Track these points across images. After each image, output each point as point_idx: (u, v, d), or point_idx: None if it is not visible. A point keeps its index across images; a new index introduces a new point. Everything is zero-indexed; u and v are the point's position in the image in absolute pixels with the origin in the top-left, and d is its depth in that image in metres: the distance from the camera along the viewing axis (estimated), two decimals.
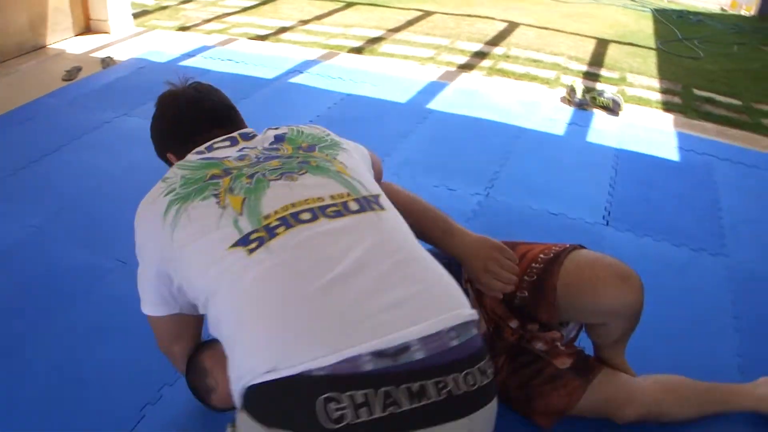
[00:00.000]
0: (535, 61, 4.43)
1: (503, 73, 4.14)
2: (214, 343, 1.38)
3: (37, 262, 2.17)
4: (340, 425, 0.89)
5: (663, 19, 5.78)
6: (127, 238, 2.18)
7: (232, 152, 1.29)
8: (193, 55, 3.94)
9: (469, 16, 5.35)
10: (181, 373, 1.52)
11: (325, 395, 0.90)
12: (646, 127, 3.49)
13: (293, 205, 1.13)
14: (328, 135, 1.39)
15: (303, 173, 1.20)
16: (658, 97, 4.01)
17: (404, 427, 0.92)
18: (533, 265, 1.51)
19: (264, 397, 0.97)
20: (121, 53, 3.91)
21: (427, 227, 1.48)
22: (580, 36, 5.10)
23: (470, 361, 0.99)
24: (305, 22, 4.89)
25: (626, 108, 3.62)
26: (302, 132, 1.37)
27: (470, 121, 3.33)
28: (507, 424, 1.44)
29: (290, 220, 1.10)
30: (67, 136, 2.94)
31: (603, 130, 3.39)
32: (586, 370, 1.59)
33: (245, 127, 1.44)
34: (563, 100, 3.70)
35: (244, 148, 1.30)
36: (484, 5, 5.69)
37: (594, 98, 3.63)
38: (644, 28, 5.49)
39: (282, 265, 1.04)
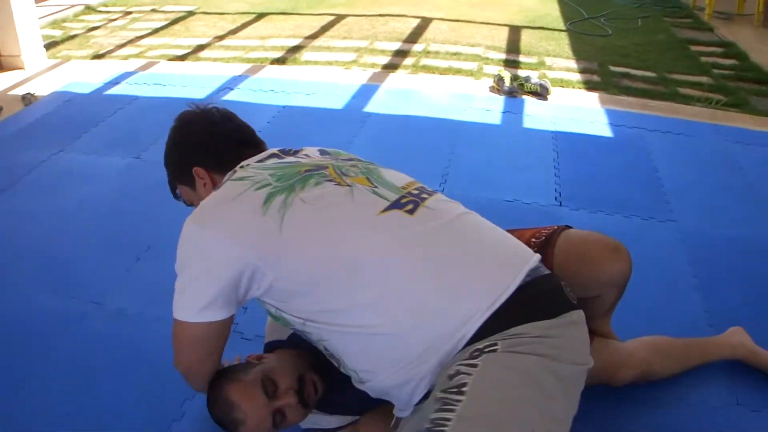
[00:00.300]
0: (455, 54, 4.51)
1: (427, 69, 4.19)
2: (234, 374, 1.39)
3: (5, 313, 2.05)
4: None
5: (567, 0, 5.97)
6: (96, 277, 2.13)
7: (294, 160, 1.34)
8: (117, 83, 3.81)
9: (381, 15, 5.39)
10: (199, 391, 1.50)
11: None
12: (575, 107, 3.61)
13: (407, 185, 1.29)
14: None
15: (378, 168, 1.34)
16: (578, 77, 4.16)
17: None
18: None
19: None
20: (40, 88, 3.74)
21: None
22: (492, 25, 5.22)
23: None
24: (220, 37, 4.82)
25: (553, 91, 3.73)
26: (338, 152, 1.48)
27: (409, 120, 3.36)
28: None
29: (422, 191, 1.28)
30: (4, 182, 2.80)
31: (536, 114, 3.49)
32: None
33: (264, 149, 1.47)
34: (492, 89, 3.78)
35: (299, 158, 1.36)
36: (395, 4, 5.75)
37: (522, 85, 3.73)
38: (551, 11, 5.67)
39: (437, 226, 1.20)
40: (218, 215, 1.22)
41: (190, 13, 5.50)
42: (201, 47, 4.56)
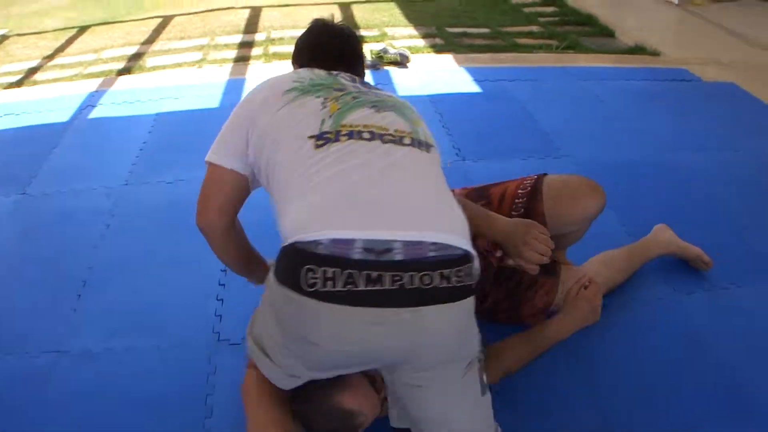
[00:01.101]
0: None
1: (279, 56, 4.19)
2: (345, 382, 1.43)
3: None
4: (311, 291, 1.15)
5: None
6: (42, 325, 2.01)
7: (350, 80, 1.50)
8: None
9: (210, 11, 5.28)
10: (217, 252, 1.62)
11: (308, 266, 1.15)
12: (436, 70, 3.81)
13: (365, 126, 1.35)
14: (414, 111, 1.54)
15: (388, 110, 1.42)
16: (423, 42, 4.36)
17: (358, 302, 1.15)
18: (516, 201, 1.71)
19: (280, 257, 1.23)
20: None
21: (472, 215, 1.64)
22: (323, 5, 5.29)
23: (433, 267, 1.17)
24: (50, 57, 4.49)
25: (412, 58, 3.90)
26: (405, 102, 1.54)
27: None
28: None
29: (355, 134, 1.32)
30: None
31: (405, 83, 3.65)
32: (553, 270, 1.87)
33: (361, 76, 1.64)
34: None
35: (355, 83, 1.51)
36: None
37: (381, 57, 3.85)
38: None
39: (330, 162, 1.27)
40: (266, 85, 1.50)
41: (4, 37, 5.05)
42: (33, 70, 4.23)
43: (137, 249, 2.33)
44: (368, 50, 3.87)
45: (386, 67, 3.84)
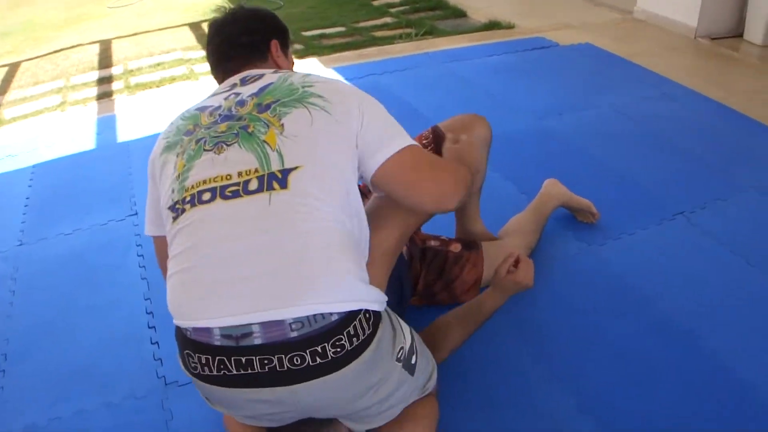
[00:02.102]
0: (158, 64, 4.46)
1: (142, 86, 4.12)
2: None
3: None
4: (194, 373, 1.23)
5: None
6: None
7: (217, 101, 1.39)
8: None
9: (57, 52, 5.05)
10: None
11: (187, 351, 1.23)
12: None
13: (204, 182, 1.25)
14: (310, 86, 1.35)
15: (232, 144, 1.27)
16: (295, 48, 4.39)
17: (233, 384, 1.19)
18: (427, 149, 1.86)
19: (175, 333, 1.28)
20: None
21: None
22: (171, 28, 5.20)
23: (302, 346, 1.14)
24: None
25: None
26: (284, 83, 1.37)
27: None
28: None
29: (196, 198, 1.24)
30: None
31: None
32: (474, 245, 2.02)
33: (260, 63, 1.51)
34: None
35: (231, 95, 1.39)
36: (58, 38, 5.37)
37: None
38: (213, 0, 5.77)
39: (182, 239, 1.25)
40: (152, 154, 1.44)
41: None
42: None
43: (53, 307, 2.24)
44: None
45: None
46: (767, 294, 2.05)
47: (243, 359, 1.16)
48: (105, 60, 4.66)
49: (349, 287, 1.20)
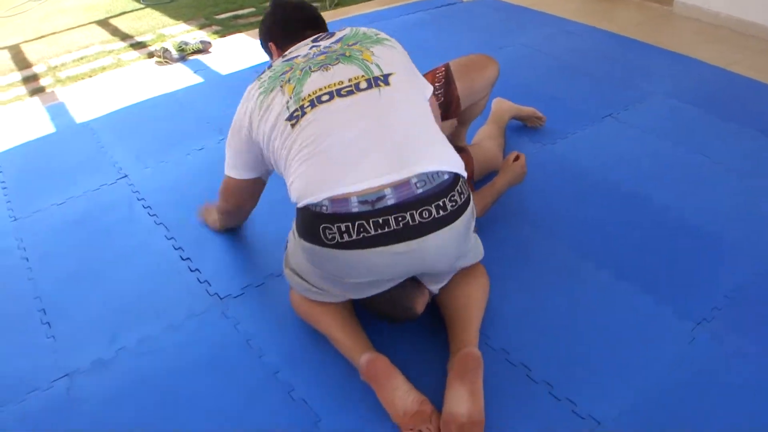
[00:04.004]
0: (81, 58, 4.49)
1: (73, 78, 4.15)
2: (417, 289, 1.73)
3: None
4: (332, 243, 1.45)
5: None
6: (28, 361, 1.90)
7: (305, 51, 1.71)
8: None
9: None
10: (231, 224, 2.23)
11: (323, 225, 1.45)
12: (236, 50, 4.15)
13: (320, 89, 1.57)
14: (378, 34, 1.76)
15: (336, 64, 1.62)
16: (204, 33, 4.57)
17: (371, 245, 1.44)
18: (436, 92, 2.13)
19: (297, 215, 1.53)
20: None
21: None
22: (79, 27, 5.19)
23: (428, 201, 1.44)
24: None
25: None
26: (358, 32, 1.76)
27: (143, 109, 3.47)
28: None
29: (315, 101, 1.55)
30: None
31: (215, 66, 3.94)
32: (462, 149, 2.34)
33: (326, 30, 1.90)
34: (161, 63, 4.01)
35: (313, 47, 1.72)
36: None
37: (183, 49, 4.03)
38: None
39: (308, 134, 1.52)
40: (241, 107, 1.74)
41: None
42: None
43: (76, 262, 2.31)
44: (170, 44, 4.01)
45: (192, 57, 4.01)
46: (690, 160, 2.64)
47: (380, 219, 1.41)
48: (22, 62, 4.63)
49: (451, 156, 1.55)
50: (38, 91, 4.04)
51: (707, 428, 1.60)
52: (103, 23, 5.20)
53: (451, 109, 2.15)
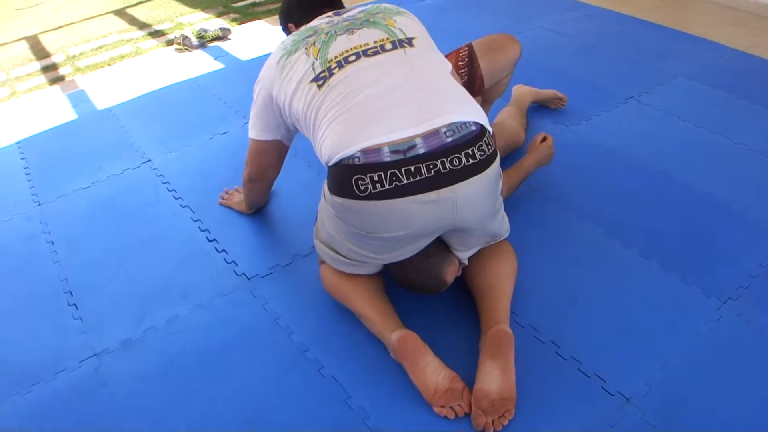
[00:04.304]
0: (100, 47, 4.52)
1: (93, 67, 4.18)
2: (447, 259, 1.75)
3: None
4: (364, 195, 1.47)
5: None
6: (57, 341, 1.95)
7: (326, 20, 1.77)
8: None
9: None
10: (255, 199, 2.22)
11: (356, 177, 1.46)
12: (256, 36, 4.15)
13: (346, 51, 1.61)
14: (399, 9, 1.80)
15: (362, 28, 1.68)
16: (222, 20, 4.58)
17: (404, 194, 1.46)
18: (460, 71, 2.15)
19: (329, 176, 1.55)
20: None
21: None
22: (95, 18, 5.20)
23: (458, 149, 1.47)
24: None
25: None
26: (380, 6, 1.82)
27: (165, 96, 3.48)
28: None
29: (342, 61, 1.59)
30: None
31: (236, 52, 3.93)
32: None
33: (343, 7, 1.95)
34: (180, 50, 4.02)
35: (334, 17, 1.78)
36: None
37: (202, 36, 4.04)
38: None
39: (337, 93, 1.55)
40: (266, 69, 1.80)
41: None
42: None
43: (102, 246, 2.33)
44: (190, 31, 4.02)
45: (212, 44, 4.02)
46: (713, 141, 2.64)
47: (412, 168, 1.44)
48: (40, 52, 4.67)
49: (477, 109, 1.58)
50: (58, 79, 4.06)
51: (735, 405, 1.61)
52: (121, 13, 5.23)
53: (474, 87, 2.15)
